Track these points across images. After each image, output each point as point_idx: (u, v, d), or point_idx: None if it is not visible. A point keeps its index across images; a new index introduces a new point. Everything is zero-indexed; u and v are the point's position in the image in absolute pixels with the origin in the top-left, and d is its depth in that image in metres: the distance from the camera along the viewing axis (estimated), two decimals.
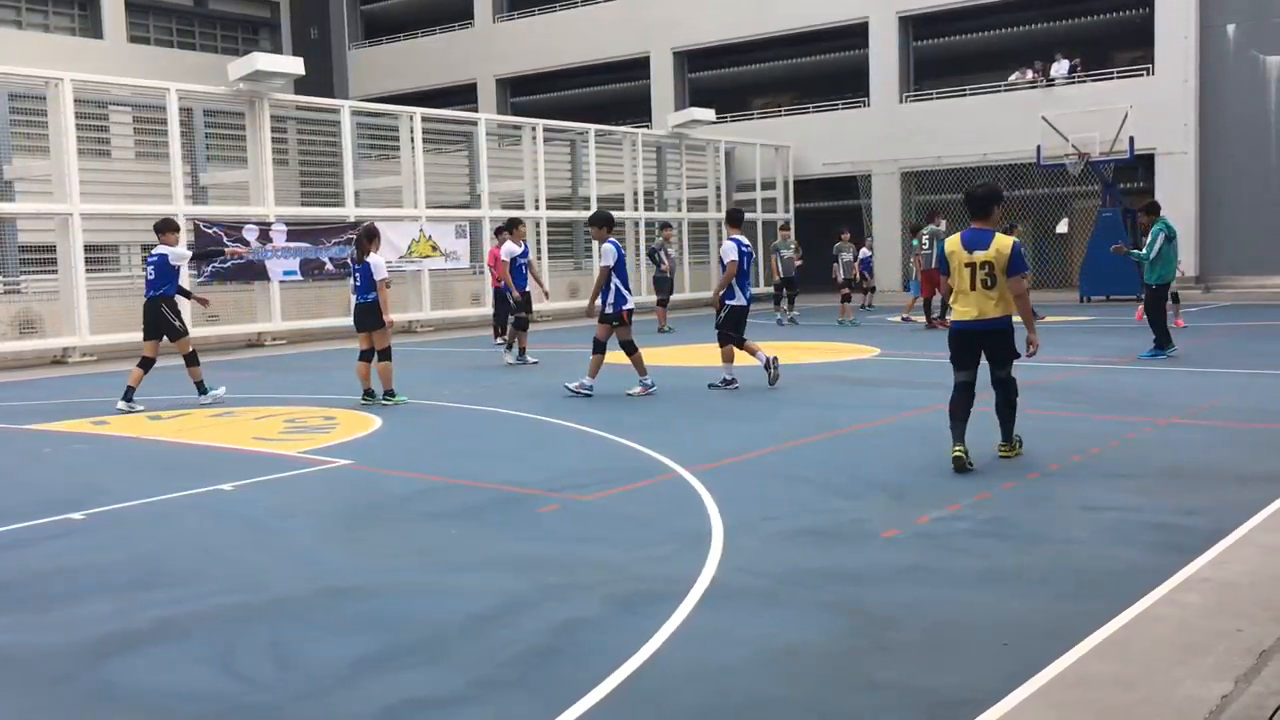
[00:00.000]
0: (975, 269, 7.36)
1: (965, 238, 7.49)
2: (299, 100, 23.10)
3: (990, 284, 7.36)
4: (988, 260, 7.33)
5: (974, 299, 7.42)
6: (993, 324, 7.44)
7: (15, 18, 35.77)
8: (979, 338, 7.51)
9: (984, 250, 7.36)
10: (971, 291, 7.41)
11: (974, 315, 7.43)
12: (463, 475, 7.83)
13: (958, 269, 7.45)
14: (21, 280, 19.74)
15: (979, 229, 7.47)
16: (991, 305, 7.38)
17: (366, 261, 11.34)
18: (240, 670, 4.25)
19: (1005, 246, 7.36)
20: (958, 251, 7.46)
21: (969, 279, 7.40)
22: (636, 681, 4.01)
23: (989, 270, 7.33)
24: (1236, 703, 3.66)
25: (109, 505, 7.12)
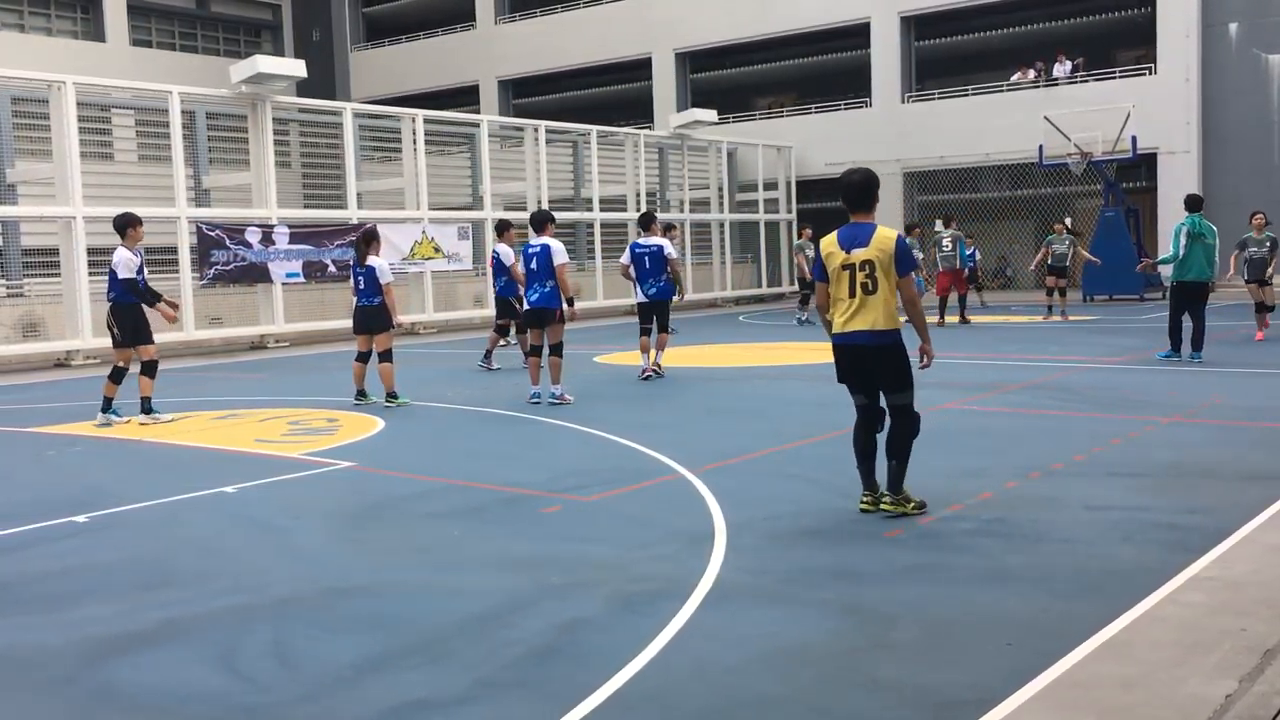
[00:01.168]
0: (854, 271, 6.19)
1: (842, 235, 6.27)
2: (301, 102, 23.14)
3: (872, 288, 6.14)
4: (868, 259, 6.14)
5: (855, 307, 6.21)
6: (878, 338, 6.16)
7: (18, 21, 35.83)
8: (862, 355, 6.24)
9: (864, 248, 6.16)
10: (850, 298, 6.21)
11: (855, 327, 6.20)
12: (465, 476, 7.83)
13: (835, 273, 6.25)
14: (25, 283, 19.76)
15: (858, 223, 6.26)
16: (875, 315, 6.16)
17: (370, 265, 11.34)
18: (243, 671, 4.25)
19: (888, 242, 6.15)
20: (835, 252, 6.25)
21: (848, 283, 6.21)
22: (639, 682, 4.00)
23: (870, 271, 6.14)
24: (1241, 702, 3.65)
25: (112, 507, 7.12)
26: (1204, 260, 13.05)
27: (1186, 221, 13.08)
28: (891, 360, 6.20)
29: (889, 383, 6.27)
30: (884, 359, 6.19)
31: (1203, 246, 13.02)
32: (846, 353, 6.30)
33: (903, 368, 6.23)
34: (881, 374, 6.25)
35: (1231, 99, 27.24)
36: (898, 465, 6.27)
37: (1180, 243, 12.99)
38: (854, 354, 6.26)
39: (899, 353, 6.20)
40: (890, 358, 6.19)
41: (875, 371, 6.24)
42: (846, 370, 6.35)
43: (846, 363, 6.33)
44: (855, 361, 6.27)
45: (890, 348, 6.18)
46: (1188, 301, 13.08)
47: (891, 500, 6.28)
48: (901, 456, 6.26)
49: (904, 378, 6.25)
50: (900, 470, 6.28)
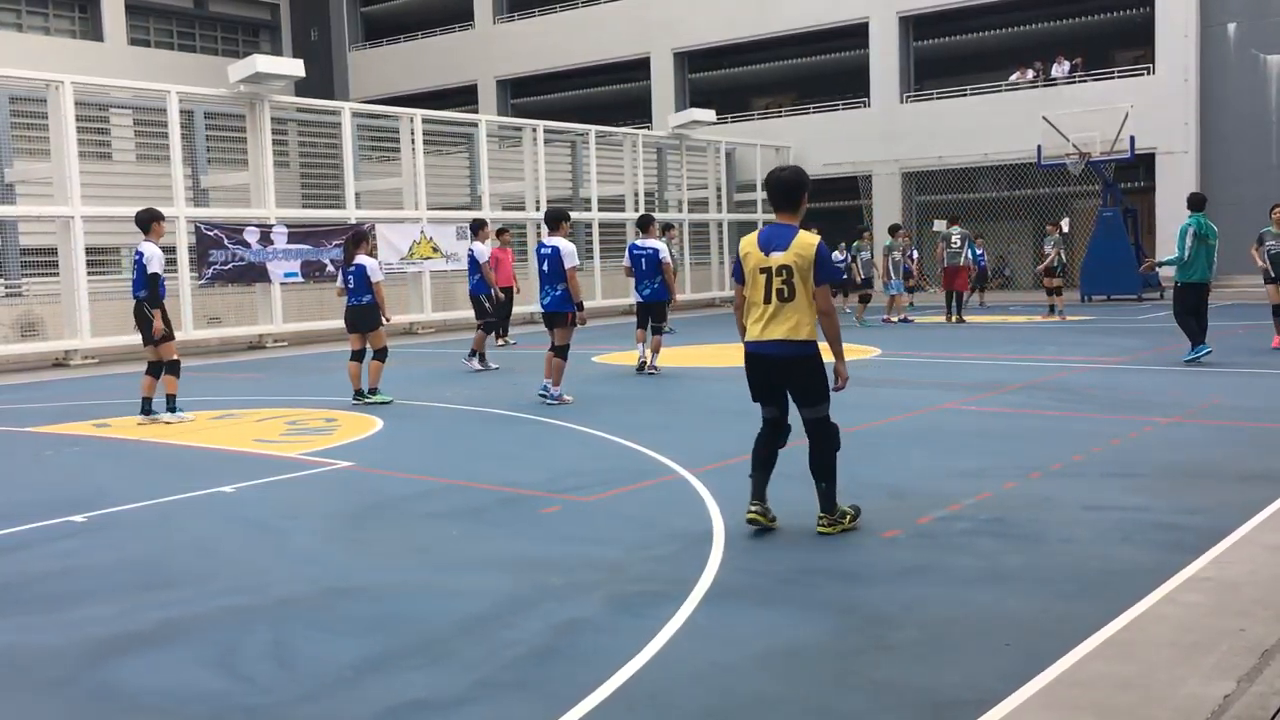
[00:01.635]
0: (771, 275, 5.77)
1: (762, 236, 5.88)
2: (299, 102, 23.13)
3: (788, 295, 5.74)
4: (786, 264, 5.73)
5: (769, 314, 5.81)
6: (792, 349, 5.78)
7: (15, 20, 35.82)
8: (775, 366, 5.85)
9: (782, 251, 5.75)
10: (765, 304, 5.80)
11: (769, 335, 5.81)
12: (464, 476, 7.83)
13: (752, 275, 5.85)
14: (23, 283, 19.75)
15: (780, 225, 5.87)
16: (790, 323, 5.76)
17: (359, 264, 11.40)
18: (242, 671, 4.25)
19: (808, 247, 5.74)
20: (753, 253, 5.86)
21: (763, 288, 5.80)
22: (638, 682, 4.00)
23: (787, 277, 5.73)
24: (1239, 702, 3.66)
25: (110, 507, 7.12)
26: (1206, 261, 12.92)
27: (1192, 221, 12.86)
28: (805, 372, 5.82)
29: (802, 396, 5.87)
30: (796, 371, 5.82)
31: (1207, 248, 12.88)
32: (758, 362, 5.91)
33: (818, 380, 5.85)
34: (794, 386, 5.87)
35: (1230, 99, 27.26)
36: (827, 487, 5.89)
37: (1186, 244, 12.76)
38: (765, 364, 5.88)
39: (813, 365, 5.82)
40: (804, 369, 5.82)
41: (787, 383, 5.88)
42: (756, 378, 5.95)
43: (758, 372, 5.93)
44: (765, 372, 5.90)
45: (804, 359, 5.80)
46: (1195, 302, 12.91)
47: (828, 521, 5.88)
48: (828, 476, 5.89)
49: (819, 391, 5.86)
50: (830, 490, 5.90)
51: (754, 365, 5.93)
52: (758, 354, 5.87)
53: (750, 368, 5.94)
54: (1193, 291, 12.89)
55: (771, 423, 6.02)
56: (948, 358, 14.67)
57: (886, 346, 16.37)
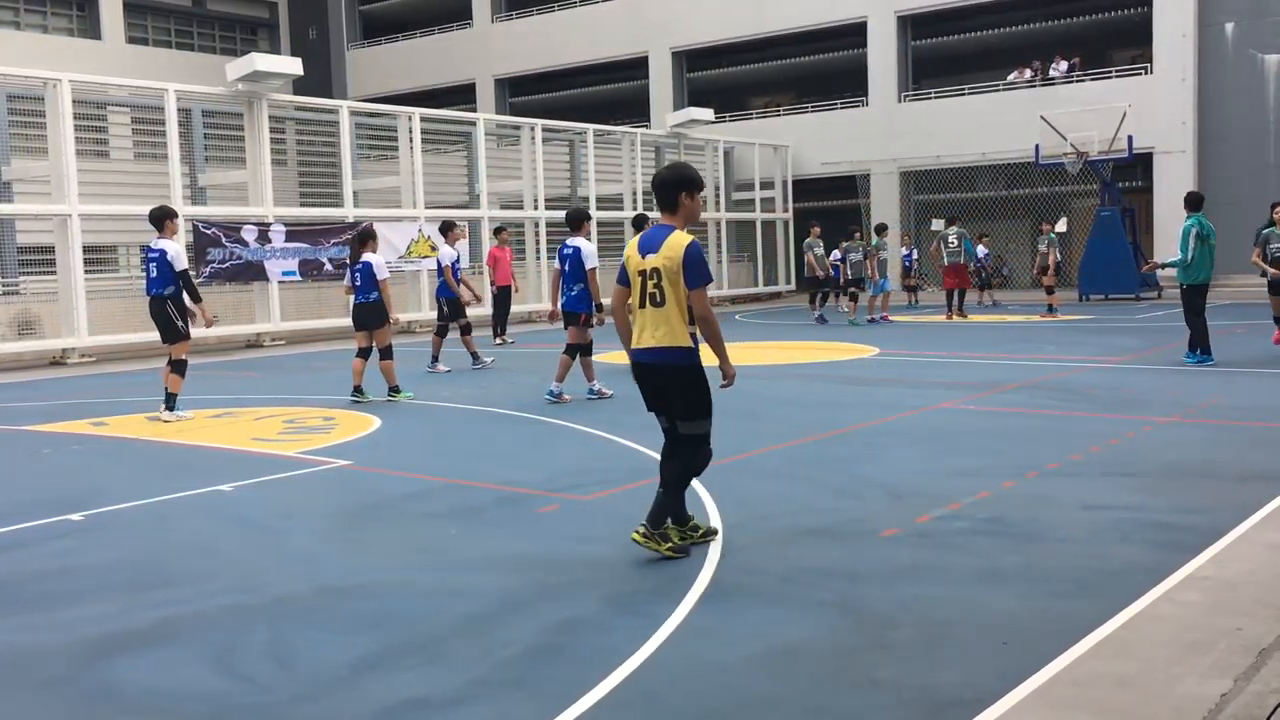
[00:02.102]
0: (645, 279, 5.47)
1: (644, 238, 5.59)
2: (297, 101, 23.11)
3: (659, 299, 5.42)
4: (656, 267, 5.42)
5: (644, 320, 5.50)
6: (666, 357, 5.44)
7: (13, 19, 35.78)
8: (654, 374, 5.52)
9: (654, 254, 5.45)
10: (641, 309, 5.51)
11: (644, 343, 5.50)
12: (462, 475, 7.83)
13: (633, 279, 5.57)
14: (20, 281, 19.74)
15: (661, 225, 5.57)
16: (663, 330, 5.43)
17: (366, 261, 11.43)
18: (239, 670, 4.25)
19: (677, 250, 5.39)
20: (633, 256, 5.56)
21: (639, 293, 5.51)
22: (636, 681, 4.00)
23: (657, 281, 5.42)
24: (1236, 701, 3.66)
25: (108, 506, 7.11)
26: (1209, 262, 12.78)
27: (1193, 222, 12.69)
28: (681, 384, 5.46)
29: (679, 408, 5.51)
30: (673, 381, 5.47)
31: (1209, 248, 12.74)
32: (639, 371, 5.57)
33: (697, 394, 5.48)
34: (671, 397, 5.51)
35: (1228, 99, 27.27)
36: (663, 498, 5.51)
37: (1190, 245, 12.57)
38: (645, 372, 5.55)
39: (691, 376, 5.46)
40: (680, 381, 5.46)
41: (664, 394, 5.54)
42: (642, 388, 5.63)
43: (642, 382, 5.61)
44: (648, 380, 5.57)
45: (680, 370, 5.44)
46: (1201, 304, 12.75)
47: (644, 533, 5.45)
48: (672, 490, 5.52)
49: (697, 405, 5.49)
50: (666, 504, 5.52)
51: (637, 374, 5.61)
52: (639, 362, 5.56)
53: (635, 376, 5.63)
54: (1198, 293, 12.76)
55: (668, 434, 5.65)
56: (946, 357, 14.68)
57: (885, 346, 16.38)
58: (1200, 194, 13.60)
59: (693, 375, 5.46)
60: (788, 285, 32.45)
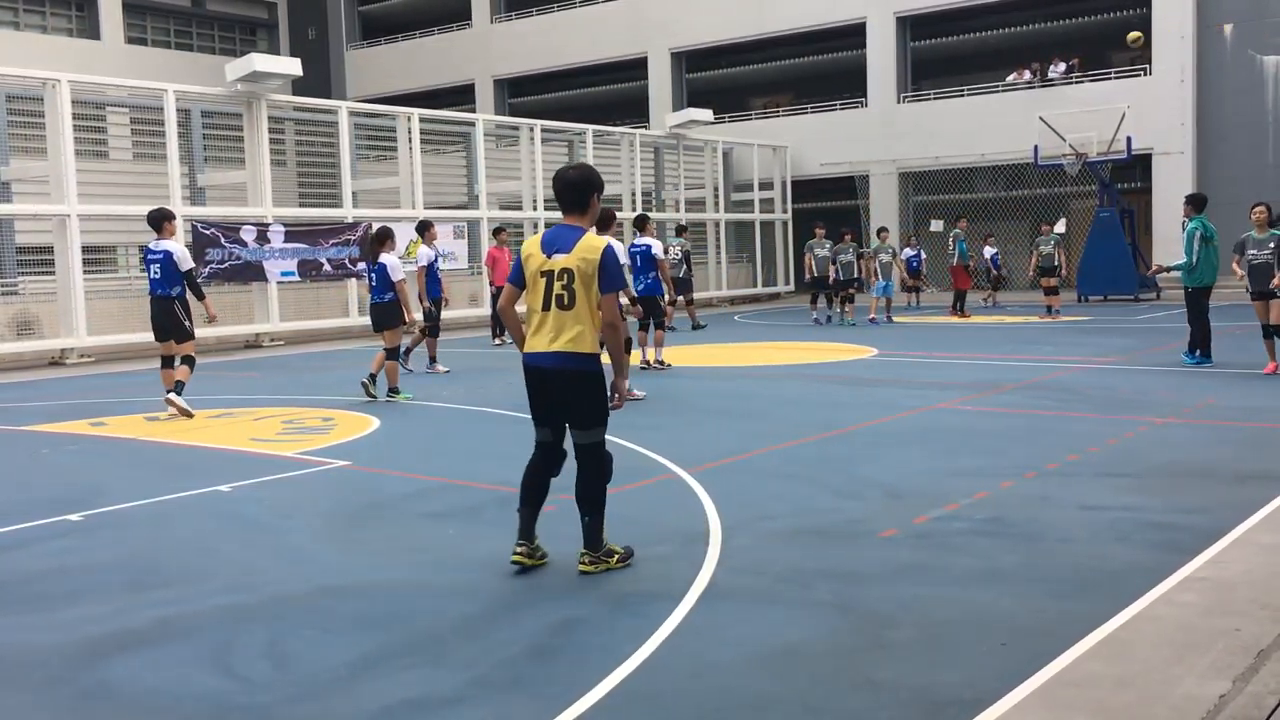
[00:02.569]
0: (552, 279, 5.28)
1: (547, 237, 5.38)
2: (297, 101, 23.11)
3: (568, 301, 5.24)
4: (568, 268, 5.24)
5: (547, 322, 5.30)
6: (571, 363, 5.26)
7: (12, 19, 35.77)
8: (553, 380, 5.31)
9: (565, 254, 5.26)
10: (544, 311, 5.30)
11: (544, 346, 5.29)
12: (460, 475, 7.82)
13: (533, 279, 5.34)
14: (19, 281, 19.73)
15: (566, 225, 5.38)
16: (571, 334, 5.25)
17: (381, 262, 11.61)
18: (238, 670, 4.25)
19: (594, 251, 5.24)
20: (534, 254, 5.36)
21: (542, 294, 5.30)
22: (634, 681, 4.00)
23: (568, 282, 5.24)
24: (1234, 702, 3.66)
25: (106, 506, 7.11)
26: (1213, 264, 12.73)
27: (1196, 224, 12.64)
28: (583, 391, 5.29)
29: (577, 416, 5.33)
30: (574, 387, 5.29)
31: (1213, 250, 12.68)
32: (535, 376, 5.36)
33: (596, 401, 5.33)
34: (570, 405, 5.33)
35: (1227, 100, 27.28)
36: (591, 521, 5.36)
37: (1194, 247, 12.53)
38: (542, 377, 5.34)
39: (594, 383, 5.30)
40: (581, 387, 5.29)
41: (563, 401, 5.33)
42: (534, 394, 5.41)
43: (535, 387, 5.39)
44: (542, 387, 5.36)
45: (584, 375, 5.28)
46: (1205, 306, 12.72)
47: (590, 559, 5.34)
48: (594, 508, 5.37)
49: (596, 413, 5.33)
50: (596, 525, 5.37)
51: (531, 379, 5.38)
52: (535, 366, 5.33)
53: (528, 381, 5.39)
54: (1203, 295, 12.72)
55: (545, 447, 5.45)
56: (945, 357, 14.68)
57: (883, 346, 16.38)
58: (1204, 195, 13.57)
59: (597, 382, 5.33)
60: (787, 286, 32.45)
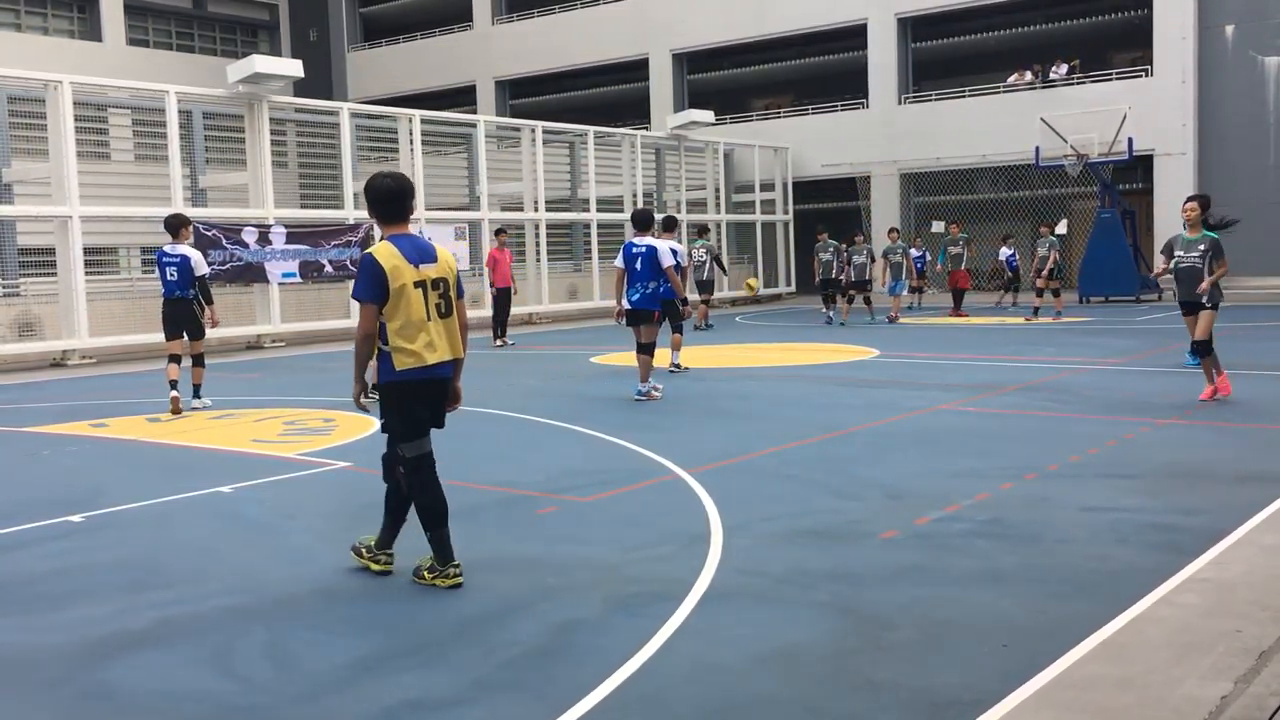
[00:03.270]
0: (427, 290, 5.24)
1: (404, 248, 5.24)
2: (298, 102, 23.11)
3: (446, 310, 5.31)
4: (442, 278, 5.29)
5: (435, 333, 5.26)
6: (454, 367, 5.41)
7: (14, 20, 35.80)
8: (442, 389, 5.39)
9: (434, 264, 5.29)
10: (428, 322, 5.23)
11: (440, 357, 5.27)
12: (461, 477, 7.82)
13: (404, 292, 5.16)
14: (21, 282, 19.74)
15: (412, 236, 5.41)
16: (453, 340, 5.35)
17: None
18: (238, 671, 4.25)
19: (454, 260, 5.49)
20: (401, 266, 5.16)
21: (424, 305, 5.22)
22: (635, 683, 4.00)
23: (444, 291, 5.30)
24: (1236, 703, 3.66)
25: (107, 507, 7.11)
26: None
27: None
28: (445, 392, 5.44)
29: (441, 421, 5.46)
30: (443, 391, 5.41)
31: None
32: (433, 386, 5.32)
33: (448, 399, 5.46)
34: (440, 411, 5.43)
35: (1228, 101, 27.28)
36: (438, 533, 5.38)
37: None
38: (439, 388, 5.36)
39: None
40: (447, 388, 5.44)
41: (438, 409, 5.42)
42: (421, 407, 5.31)
43: (432, 397, 5.34)
44: (437, 397, 5.37)
45: (451, 379, 5.43)
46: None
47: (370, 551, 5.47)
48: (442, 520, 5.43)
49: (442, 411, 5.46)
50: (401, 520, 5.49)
51: (432, 390, 5.33)
52: (440, 378, 5.32)
53: (425, 395, 5.31)
54: None
55: (430, 459, 5.40)
56: (946, 358, 14.68)
57: (884, 348, 16.37)
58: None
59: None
60: (788, 287, 32.44)
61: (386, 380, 5.24)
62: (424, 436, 5.36)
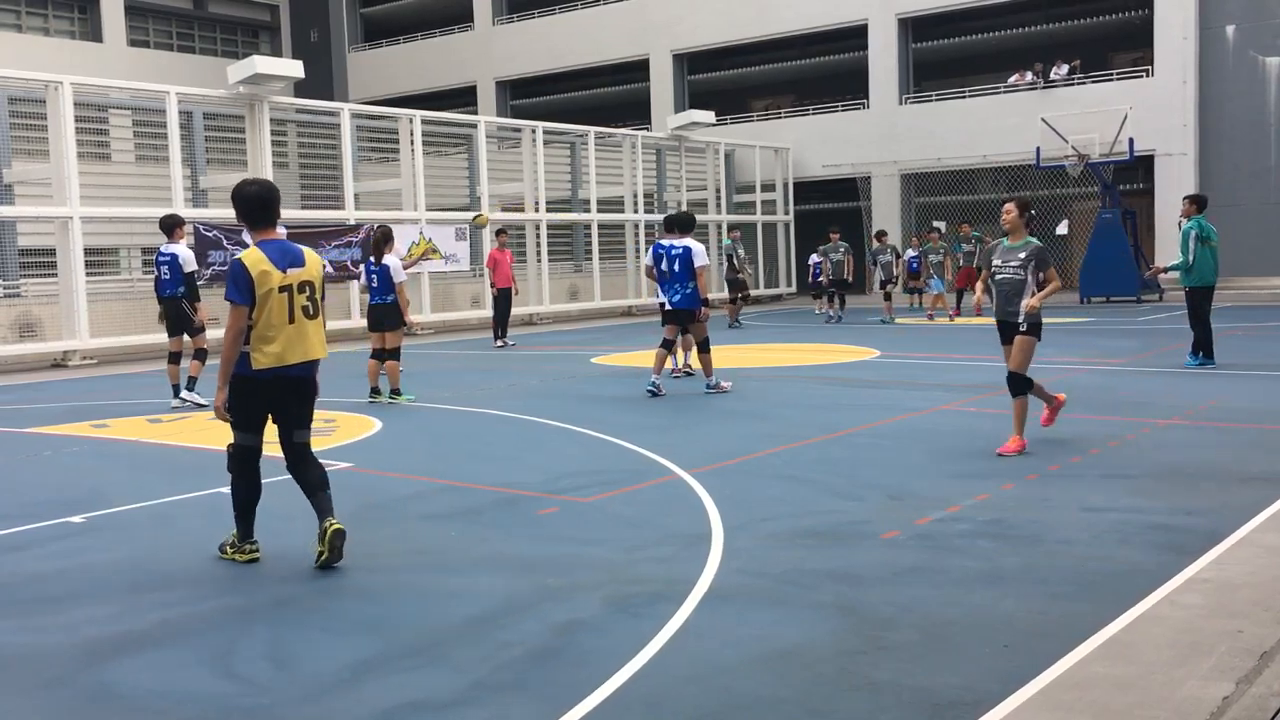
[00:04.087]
0: (293, 293, 5.55)
1: (271, 253, 5.56)
2: (299, 103, 23.12)
3: (313, 312, 5.64)
4: (309, 280, 5.61)
5: (296, 335, 5.56)
6: (313, 369, 5.73)
7: (15, 21, 35.80)
8: (294, 387, 5.69)
9: (301, 268, 5.60)
10: (290, 324, 5.54)
11: (297, 358, 5.57)
12: (462, 477, 7.82)
13: (269, 296, 5.48)
14: (21, 283, 19.74)
15: (280, 240, 5.70)
16: (316, 341, 5.69)
17: (384, 264, 11.64)
18: (239, 672, 4.25)
19: (320, 264, 5.77)
20: (270, 271, 5.48)
21: (286, 308, 5.52)
22: (636, 683, 4.00)
23: (311, 294, 5.62)
24: (1237, 704, 3.65)
25: (108, 508, 7.12)
26: (1211, 264, 12.68)
27: (1193, 224, 12.64)
28: (313, 393, 5.78)
29: (303, 418, 5.76)
30: (309, 390, 5.75)
31: (1210, 250, 12.64)
32: (281, 386, 5.62)
33: (314, 401, 5.84)
34: (300, 408, 5.74)
35: (1228, 101, 27.27)
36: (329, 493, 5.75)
37: (1190, 247, 12.53)
38: (283, 386, 5.63)
39: (317, 384, 5.84)
40: (313, 390, 5.79)
41: (293, 405, 5.71)
42: (260, 405, 5.66)
43: (274, 396, 5.65)
44: (279, 395, 5.66)
45: (316, 380, 5.80)
46: (1203, 305, 12.70)
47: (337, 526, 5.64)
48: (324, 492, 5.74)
49: (312, 412, 5.83)
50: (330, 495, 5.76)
51: (270, 388, 5.62)
52: (286, 376, 5.61)
53: (263, 392, 5.61)
54: (1201, 296, 12.70)
55: (256, 452, 5.79)
56: (946, 359, 14.67)
57: (885, 348, 16.37)
58: (1204, 196, 13.58)
59: (317, 384, 5.85)
60: (789, 288, 32.44)
61: (238, 373, 5.57)
62: (255, 431, 5.74)
